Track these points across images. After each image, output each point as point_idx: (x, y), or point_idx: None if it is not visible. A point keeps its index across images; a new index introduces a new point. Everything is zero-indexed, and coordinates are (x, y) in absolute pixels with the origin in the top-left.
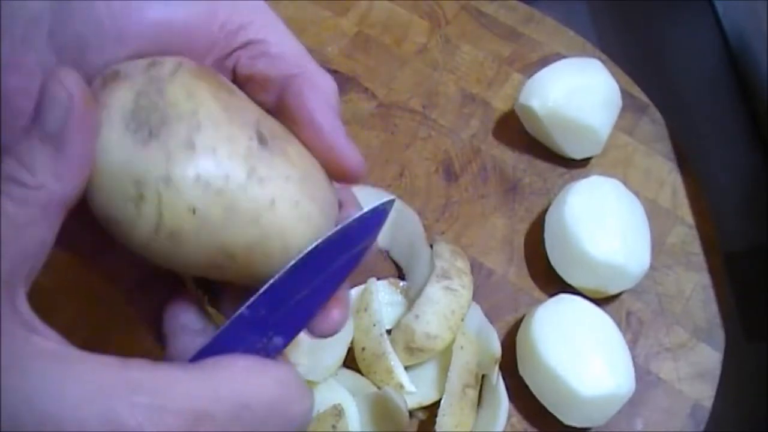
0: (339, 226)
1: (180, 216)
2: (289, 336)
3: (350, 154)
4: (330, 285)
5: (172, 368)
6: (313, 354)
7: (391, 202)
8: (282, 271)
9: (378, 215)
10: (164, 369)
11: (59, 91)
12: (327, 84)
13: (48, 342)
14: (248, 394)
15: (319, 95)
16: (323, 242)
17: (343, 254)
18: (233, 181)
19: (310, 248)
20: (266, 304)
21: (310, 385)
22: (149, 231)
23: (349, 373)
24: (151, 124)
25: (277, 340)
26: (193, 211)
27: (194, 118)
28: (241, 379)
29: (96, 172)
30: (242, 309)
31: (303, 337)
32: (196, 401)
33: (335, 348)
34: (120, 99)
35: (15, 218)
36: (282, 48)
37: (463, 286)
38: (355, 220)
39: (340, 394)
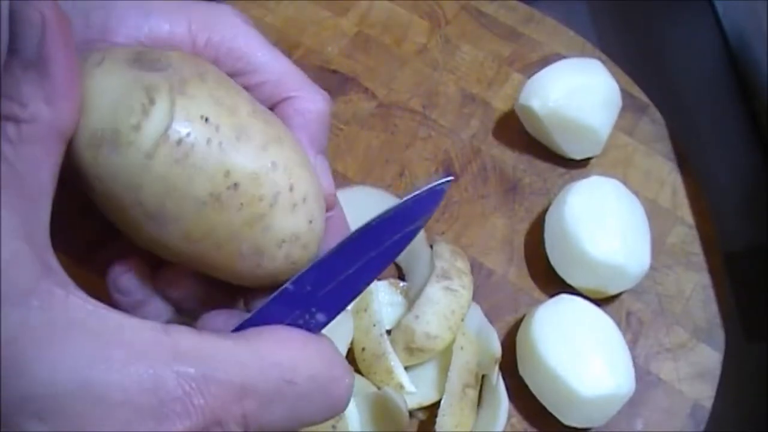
0: (395, 204)
1: (192, 121)
2: (333, 313)
3: (326, 185)
4: (378, 263)
5: (216, 337)
6: None
7: (448, 182)
8: (333, 247)
9: (435, 194)
10: (209, 337)
11: (30, 12)
12: (314, 107)
13: (86, 303)
14: (292, 367)
15: (302, 122)
16: (377, 220)
17: (396, 233)
18: (243, 110)
19: (363, 225)
20: (312, 280)
21: None
22: (155, 137)
23: None
24: (157, 66)
25: (320, 317)
26: (206, 120)
27: (201, 66)
28: (286, 350)
29: (94, 91)
30: (287, 284)
31: None
32: (243, 372)
33: None
34: (121, 51)
35: (16, 162)
36: (263, 76)
37: (463, 286)
38: (411, 198)
39: None
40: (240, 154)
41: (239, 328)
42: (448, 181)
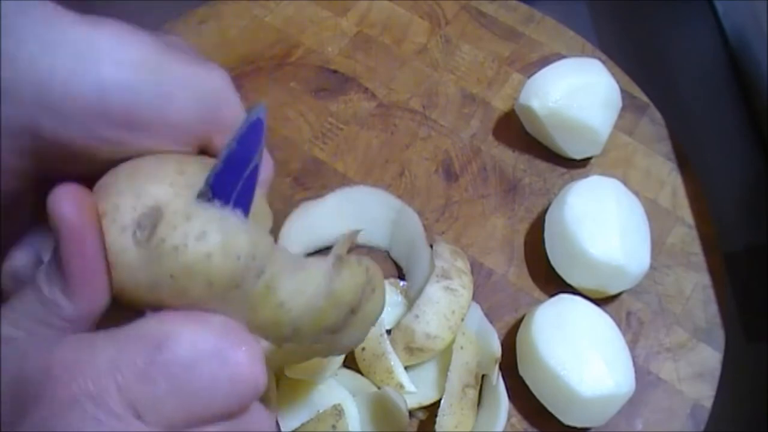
0: (222, 153)
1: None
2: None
3: None
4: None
5: (103, 330)
6: None
7: (261, 108)
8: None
9: (255, 127)
10: (95, 332)
11: (52, 217)
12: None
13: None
14: (164, 336)
15: None
16: (212, 175)
17: (238, 179)
18: None
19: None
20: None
21: (310, 385)
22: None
23: (349, 373)
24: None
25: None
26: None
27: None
28: (160, 323)
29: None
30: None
31: None
32: (110, 346)
33: None
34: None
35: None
36: None
37: (463, 286)
38: (234, 140)
39: (340, 394)
40: None
41: None
42: (260, 107)
